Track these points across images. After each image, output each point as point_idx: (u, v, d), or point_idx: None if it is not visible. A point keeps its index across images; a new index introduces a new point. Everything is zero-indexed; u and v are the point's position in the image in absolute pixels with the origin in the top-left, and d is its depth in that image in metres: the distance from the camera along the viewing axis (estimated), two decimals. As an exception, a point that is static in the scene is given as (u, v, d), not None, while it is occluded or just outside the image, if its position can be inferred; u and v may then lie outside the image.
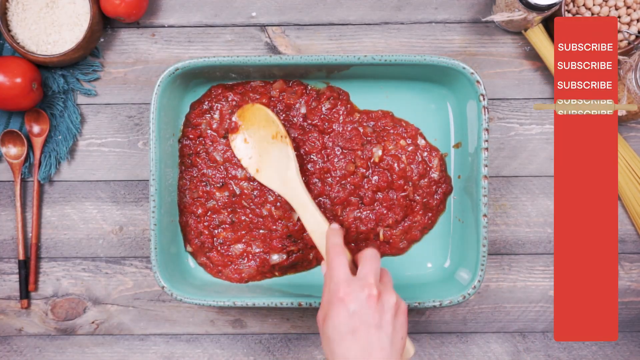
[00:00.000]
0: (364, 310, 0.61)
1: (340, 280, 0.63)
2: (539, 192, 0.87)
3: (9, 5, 0.84)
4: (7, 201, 0.88)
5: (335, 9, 0.88)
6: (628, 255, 0.87)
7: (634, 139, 0.87)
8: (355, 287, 0.63)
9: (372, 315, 0.61)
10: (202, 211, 0.83)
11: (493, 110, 0.87)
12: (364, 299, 0.62)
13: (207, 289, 0.81)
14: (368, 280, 0.63)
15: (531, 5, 0.77)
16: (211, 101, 0.84)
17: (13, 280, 0.88)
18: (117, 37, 0.88)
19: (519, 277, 0.87)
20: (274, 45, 0.88)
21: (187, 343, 0.88)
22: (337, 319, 0.62)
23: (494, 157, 0.87)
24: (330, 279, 0.65)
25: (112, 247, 0.88)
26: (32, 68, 0.83)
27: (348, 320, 0.61)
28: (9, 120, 0.88)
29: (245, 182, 0.83)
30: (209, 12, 0.88)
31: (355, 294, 0.62)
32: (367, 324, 0.61)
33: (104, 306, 0.88)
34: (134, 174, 0.88)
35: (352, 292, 0.62)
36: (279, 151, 0.80)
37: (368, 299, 0.62)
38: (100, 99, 0.88)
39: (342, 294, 0.62)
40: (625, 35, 0.82)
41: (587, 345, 0.87)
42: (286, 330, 0.88)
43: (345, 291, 0.62)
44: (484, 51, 0.87)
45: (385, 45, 0.88)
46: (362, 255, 0.67)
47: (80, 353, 0.88)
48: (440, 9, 0.88)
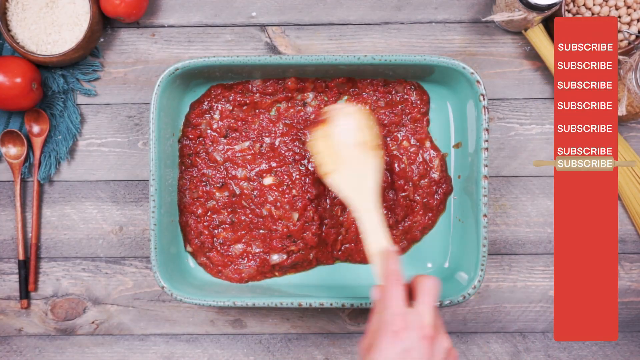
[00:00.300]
0: (417, 350, 0.59)
1: (396, 312, 0.60)
2: (539, 192, 0.87)
3: (9, 5, 0.84)
4: (7, 201, 0.88)
5: (335, 9, 0.88)
6: (628, 255, 0.87)
7: (634, 139, 0.87)
8: (412, 324, 0.59)
9: (424, 357, 0.59)
10: (202, 211, 0.83)
11: (493, 110, 0.87)
12: (418, 338, 0.59)
13: (207, 289, 0.81)
14: (425, 319, 0.60)
15: (531, 5, 0.77)
16: (211, 101, 0.84)
17: (13, 280, 0.88)
18: (117, 37, 0.88)
19: (519, 277, 0.87)
20: (274, 45, 0.88)
21: (187, 343, 0.88)
22: (387, 353, 0.59)
23: (494, 157, 0.87)
24: (383, 308, 0.61)
25: (112, 247, 0.88)
26: (32, 68, 0.83)
27: (398, 356, 0.58)
28: (9, 120, 0.88)
29: (245, 182, 0.83)
30: (209, 12, 0.88)
31: (410, 331, 0.59)
32: None
33: (104, 306, 0.88)
34: (134, 174, 0.88)
35: (407, 329, 0.59)
36: (361, 160, 0.74)
37: (423, 339, 0.59)
38: (100, 99, 0.88)
39: (397, 327, 0.59)
40: (625, 35, 0.82)
41: (587, 345, 0.87)
42: (286, 330, 0.88)
43: (400, 326, 0.59)
44: (484, 51, 0.87)
45: (385, 45, 0.88)
46: (422, 284, 0.63)
47: (80, 353, 0.88)
48: (440, 9, 0.88)
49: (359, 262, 0.84)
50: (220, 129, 0.84)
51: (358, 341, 0.62)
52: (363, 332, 0.87)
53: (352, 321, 0.88)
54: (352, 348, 0.88)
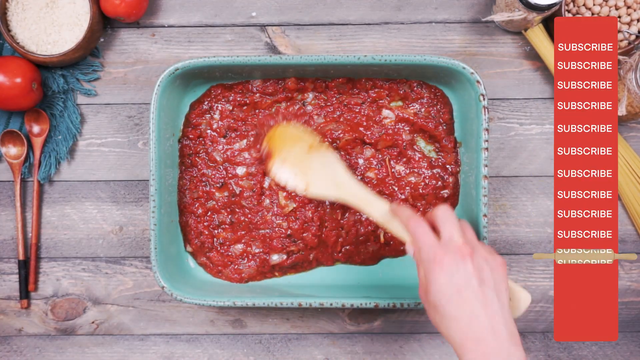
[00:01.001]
0: (462, 270, 0.62)
1: (431, 246, 0.63)
2: (539, 192, 0.87)
3: (9, 5, 0.84)
4: (7, 201, 0.88)
5: (335, 9, 0.88)
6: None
7: (634, 139, 0.87)
8: (447, 250, 0.63)
9: (471, 273, 0.61)
10: (202, 211, 0.83)
11: (493, 110, 0.87)
12: (458, 260, 0.62)
13: (207, 289, 0.81)
14: (455, 240, 0.63)
15: (531, 5, 0.77)
16: (211, 101, 0.84)
17: (13, 280, 0.88)
18: (117, 37, 0.88)
19: (519, 277, 0.87)
20: (274, 45, 0.88)
21: (187, 343, 0.88)
22: (439, 283, 0.62)
23: (494, 157, 0.87)
24: (420, 250, 0.64)
25: (112, 247, 0.88)
26: (32, 68, 0.83)
27: (450, 282, 0.61)
28: (9, 120, 0.88)
29: (245, 181, 0.83)
30: (209, 12, 0.88)
31: (449, 256, 0.62)
32: (468, 282, 0.61)
33: (104, 306, 0.88)
34: (134, 174, 0.88)
35: (445, 255, 0.62)
36: (319, 161, 0.78)
37: (462, 258, 0.62)
38: (100, 99, 0.88)
39: (438, 258, 0.62)
40: (625, 35, 0.82)
41: (587, 345, 0.87)
42: (286, 330, 0.88)
43: (440, 255, 0.62)
44: (484, 51, 0.87)
45: (385, 45, 0.88)
46: (437, 216, 0.66)
47: (80, 353, 0.88)
48: (440, 9, 0.88)
49: (360, 263, 0.84)
50: (220, 129, 0.84)
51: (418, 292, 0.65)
52: (363, 332, 0.87)
53: (352, 321, 0.88)
54: (352, 348, 0.88)
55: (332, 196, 0.77)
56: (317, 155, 0.79)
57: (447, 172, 0.83)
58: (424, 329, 0.88)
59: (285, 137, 0.80)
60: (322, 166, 0.78)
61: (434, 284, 0.62)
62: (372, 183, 0.83)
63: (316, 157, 0.79)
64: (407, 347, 0.88)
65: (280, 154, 0.80)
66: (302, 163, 0.79)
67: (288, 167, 0.79)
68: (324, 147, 0.79)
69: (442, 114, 0.83)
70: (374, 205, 0.73)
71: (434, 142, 0.84)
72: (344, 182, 0.77)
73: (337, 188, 0.76)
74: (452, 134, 0.83)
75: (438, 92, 0.83)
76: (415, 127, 0.83)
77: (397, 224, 0.70)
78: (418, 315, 0.88)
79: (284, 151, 0.80)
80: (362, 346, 0.88)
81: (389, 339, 0.88)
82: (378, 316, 0.88)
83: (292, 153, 0.79)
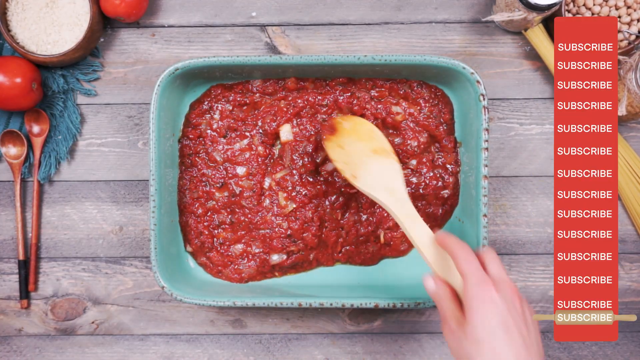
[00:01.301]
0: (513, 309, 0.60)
1: (482, 279, 0.61)
2: (539, 192, 0.87)
3: (9, 5, 0.84)
4: (7, 201, 0.88)
5: (335, 9, 0.88)
6: (628, 255, 0.87)
7: (634, 139, 0.87)
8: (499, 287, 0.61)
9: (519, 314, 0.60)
10: (202, 211, 0.83)
11: (493, 110, 0.87)
12: (510, 297, 0.60)
13: (207, 289, 0.81)
14: (506, 278, 0.62)
15: (531, 5, 0.77)
16: (211, 101, 0.84)
17: (13, 280, 0.88)
18: (117, 37, 0.88)
19: (519, 277, 0.87)
20: (274, 45, 0.88)
21: (187, 343, 0.88)
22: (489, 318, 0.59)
23: (494, 157, 0.87)
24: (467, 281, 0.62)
25: (112, 247, 0.88)
26: (32, 68, 0.83)
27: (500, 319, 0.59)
28: (9, 120, 0.88)
29: (245, 181, 0.83)
30: (209, 12, 0.88)
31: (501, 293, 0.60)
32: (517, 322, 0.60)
33: (104, 306, 0.88)
34: (134, 174, 0.88)
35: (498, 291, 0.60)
36: (380, 164, 0.76)
37: (513, 296, 0.61)
38: (100, 99, 0.88)
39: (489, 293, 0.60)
40: (625, 35, 0.82)
41: (587, 345, 0.87)
42: (286, 330, 0.88)
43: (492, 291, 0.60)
44: (484, 51, 0.87)
45: (385, 45, 0.88)
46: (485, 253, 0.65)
47: (80, 353, 0.88)
48: (440, 9, 0.88)
49: (360, 264, 0.84)
50: (220, 129, 0.84)
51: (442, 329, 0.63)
52: (363, 332, 0.87)
53: (352, 321, 0.88)
54: (352, 348, 0.88)
55: (378, 198, 0.74)
56: (378, 159, 0.77)
57: (447, 172, 0.83)
58: (424, 329, 0.88)
59: (357, 130, 0.79)
60: (381, 169, 0.76)
61: (478, 316, 0.59)
62: None
63: (378, 160, 0.77)
64: (407, 347, 0.88)
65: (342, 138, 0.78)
66: (359, 158, 0.77)
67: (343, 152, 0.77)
68: (392, 156, 0.77)
69: (443, 114, 0.83)
70: (417, 226, 0.70)
71: (434, 142, 0.84)
72: (398, 192, 0.74)
73: (388, 194, 0.74)
74: (452, 134, 0.83)
75: (438, 92, 0.83)
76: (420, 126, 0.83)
77: (434, 253, 0.68)
78: (418, 316, 0.88)
79: (348, 139, 0.78)
80: (362, 346, 0.88)
81: (389, 339, 0.88)
82: (378, 316, 0.88)
83: (355, 145, 0.78)
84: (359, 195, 0.83)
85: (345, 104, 0.83)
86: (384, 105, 0.83)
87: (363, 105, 0.82)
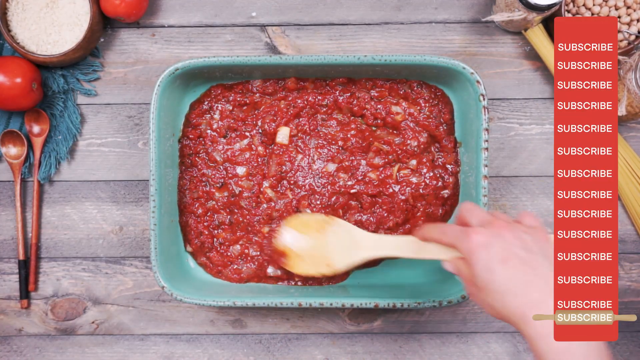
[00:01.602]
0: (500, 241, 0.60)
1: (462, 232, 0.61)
2: (539, 192, 0.87)
3: (9, 5, 0.84)
4: (7, 201, 0.88)
5: (335, 9, 0.88)
6: (628, 255, 0.87)
7: (634, 139, 0.87)
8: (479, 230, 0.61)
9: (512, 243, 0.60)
10: (202, 211, 0.83)
11: (493, 110, 0.87)
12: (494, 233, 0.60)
13: (207, 289, 0.81)
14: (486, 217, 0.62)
15: (531, 5, 0.77)
16: (211, 101, 0.84)
17: (13, 280, 0.88)
18: (117, 37, 0.88)
19: (519, 277, 0.87)
20: (274, 45, 0.88)
21: (187, 343, 0.88)
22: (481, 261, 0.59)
23: (494, 157, 0.87)
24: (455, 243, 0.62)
25: (112, 247, 0.88)
26: (32, 68, 0.83)
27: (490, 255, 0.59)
28: (9, 120, 0.88)
29: (245, 182, 0.83)
30: (209, 12, 0.88)
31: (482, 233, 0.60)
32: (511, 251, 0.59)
33: (104, 306, 0.88)
34: (134, 174, 0.88)
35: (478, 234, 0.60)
36: (333, 233, 0.77)
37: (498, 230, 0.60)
38: (100, 99, 0.88)
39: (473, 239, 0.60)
40: (625, 35, 0.82)
41: (587, 345, 0.87)
42: (286, 330, 0.88)
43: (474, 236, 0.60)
44: (484, 51, 0.87)
45: (385, 45, 0.88)
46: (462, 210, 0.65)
47: (80, 353, 0.88)
48: (440, 9, 0.88)
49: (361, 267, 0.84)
50: (220, 129, 0.84)
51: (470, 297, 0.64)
52: (363, 332, 0.87)
53: (352, 321, 0.88)
54: (352, 348, 0.88)
55: (358, 260, 0.75)
56: (329, 231, 0.77)
57: (447, 172, 0.83)
58: (424, 329, 0.88)
59: (292, 232, 0.79)
60: (337, 238, 0.77)
61: (477, 264, 0.59)
62: (373, 184, 0.83)
63: (329, 232, 0.77)
64: (407, 347, 0.88)
65: (292, 252, 0.78)
66: (319, 248, 0.77)
67: (307, 261, 0.78)
68: (329, 219, 0.78)
69: (443, 114, 0.83)
70: (401, 245, 0.72)
71: (434, 142, 0.83)
72: (363, 240, 0.75)
73: (360, 249, 0.75)
74: (452, 134, 0.83)
75: (438, 92, 0.83)
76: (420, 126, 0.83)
77: (429, 247, 0.68)
78: (418, 315, 0.88)
79: (295, 248, 0.79)
80: (362, 346, 0.88)
81: (389, 339, 0.88)
82: (378, 316, 0.88)
83: (303, 246, 0.78)
84: (359, 195, 0.83)
85: (345, 104, 0.83)
86: (384, 105, 0.83)
87: (363, 105, 0.82)
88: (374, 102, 0.83)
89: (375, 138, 0.83)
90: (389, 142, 0.82)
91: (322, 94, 0.83)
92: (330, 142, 0.83)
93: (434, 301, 0.77)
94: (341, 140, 0.83)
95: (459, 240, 0.62)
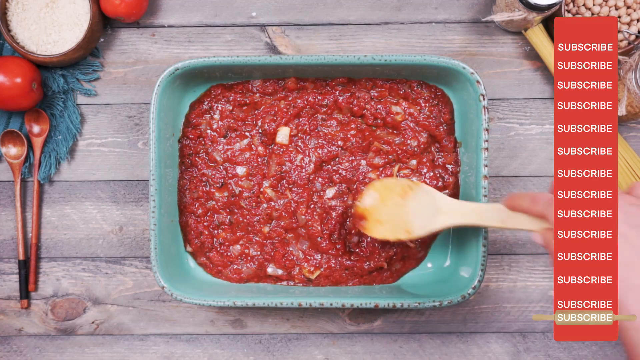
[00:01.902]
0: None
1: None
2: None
3: (9, 5, 0.84)
4: (7, 201, 0.88)
5: (335, 9, 0.88)
6: (628, 255, 0.87)
7: (634, 139, 0.87)
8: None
9: (626, 217, 0.56)
10: (202, 211, 0.83)
11: (493, 110, 0.87)
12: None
13: (207, 289, 0.81)
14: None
15: (531, 5, 0.77)
16: (211, 101, 0.84)
17: (13, 280, 0.88)
18: (117, 37, 0.88)
19: (519, 277, 0.87)
20: (274, 45, 0.88)
21: (187, 343, 0.88)
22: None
23: (494, 157, 0.87)
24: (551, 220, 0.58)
25: (112, 247, 0.88)
26: (32, 68, 0.83)
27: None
28: (9, 120, 0.88)
29: (245, 182, 0.83)
30: (209, 12, 0.88)
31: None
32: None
33: (104, 306, 0.88)
34: (134, 174, 0.88)
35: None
36: (416, 199, 0.75)
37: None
38: (100, 99, 0.88)
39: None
40: (625, 35, 0.82)
41: (587, 345, 0.87)
42: (286, 330, 0.88)
43: None
44: (484, 51, 0.87)
45: (385, 45, 0.88)
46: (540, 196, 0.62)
47: (80, 353, 0.88)
48: (440, 9, 0.88)
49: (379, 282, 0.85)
50: (220, 129, 0.84)
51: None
52: (363, 332, 0.87)
53: (352, 321, 0.88)
54: (352, 348, 0.88)
55: (437, 226, 0.73)
56: (412, 196, 0.75)
57: (447, 172, 0.83)
58: (424, 329, 0.88)
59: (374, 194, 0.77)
60: (420, 203, 0.75)
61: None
62: None
63: (412, 198, 0.75)
64: (407, 347, 0.88)
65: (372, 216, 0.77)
66: (400, 214, 0.76)
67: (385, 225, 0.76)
68: (414, 184, 0.76)
69: (443, 114, 0.83)
70: (486, 213, 0.69)
71: (434, 142, 0.84)
72: (446, 205, 0.73)
73: (442, 214, 0.73)
74: (452, 134, 0.83)
75: (438, 92, 0.83)
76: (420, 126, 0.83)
77: (517, 217, 0.65)
78: (418, 316, 0.88)
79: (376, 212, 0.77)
80: (362, 346, 0.88)
81: (389, 339, 0.88)
82: (378, 316, 0.88)
83: (385, 211, 0.77)
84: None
85: (345, 104, 0.83)
86: (384, 105, 0.83)
87: (363, 105, 0.82)
88: (374, 102, 0.83)
89: (375, 138, 0.83)
90: (389, 142, 0.82)
91: (322, 94, 0.83)
92: (330, 142, 0.83)
93: (434, 301, 0.77)
94: (341, 140, 0.83)
95: (551, 210, 0.58)
